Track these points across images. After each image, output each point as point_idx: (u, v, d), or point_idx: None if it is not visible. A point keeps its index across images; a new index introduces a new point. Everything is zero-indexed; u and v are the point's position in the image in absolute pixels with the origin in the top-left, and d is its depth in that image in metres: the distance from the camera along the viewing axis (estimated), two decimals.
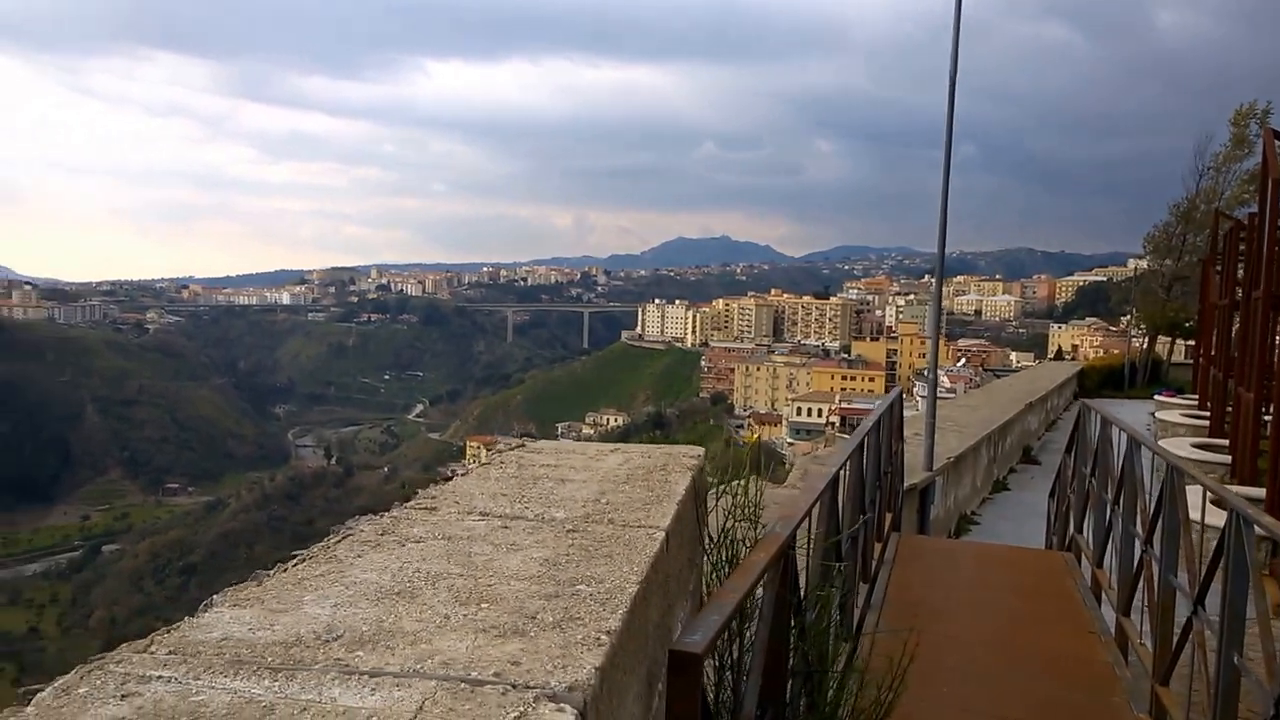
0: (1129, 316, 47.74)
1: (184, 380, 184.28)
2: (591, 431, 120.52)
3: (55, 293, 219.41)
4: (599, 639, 1.91)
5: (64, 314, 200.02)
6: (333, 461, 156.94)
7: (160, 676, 1.68)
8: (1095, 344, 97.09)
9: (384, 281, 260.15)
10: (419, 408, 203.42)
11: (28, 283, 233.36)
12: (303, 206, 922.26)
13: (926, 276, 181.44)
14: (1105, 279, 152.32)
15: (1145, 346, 40.41)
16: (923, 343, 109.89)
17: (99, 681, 1.69)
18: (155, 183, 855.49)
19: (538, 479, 3.42)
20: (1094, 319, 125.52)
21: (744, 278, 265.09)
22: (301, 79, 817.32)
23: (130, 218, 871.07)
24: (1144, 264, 43.56)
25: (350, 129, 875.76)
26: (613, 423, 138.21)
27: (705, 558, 3.64)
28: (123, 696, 1.60)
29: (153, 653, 1.81)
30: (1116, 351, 51.02)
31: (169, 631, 1.94)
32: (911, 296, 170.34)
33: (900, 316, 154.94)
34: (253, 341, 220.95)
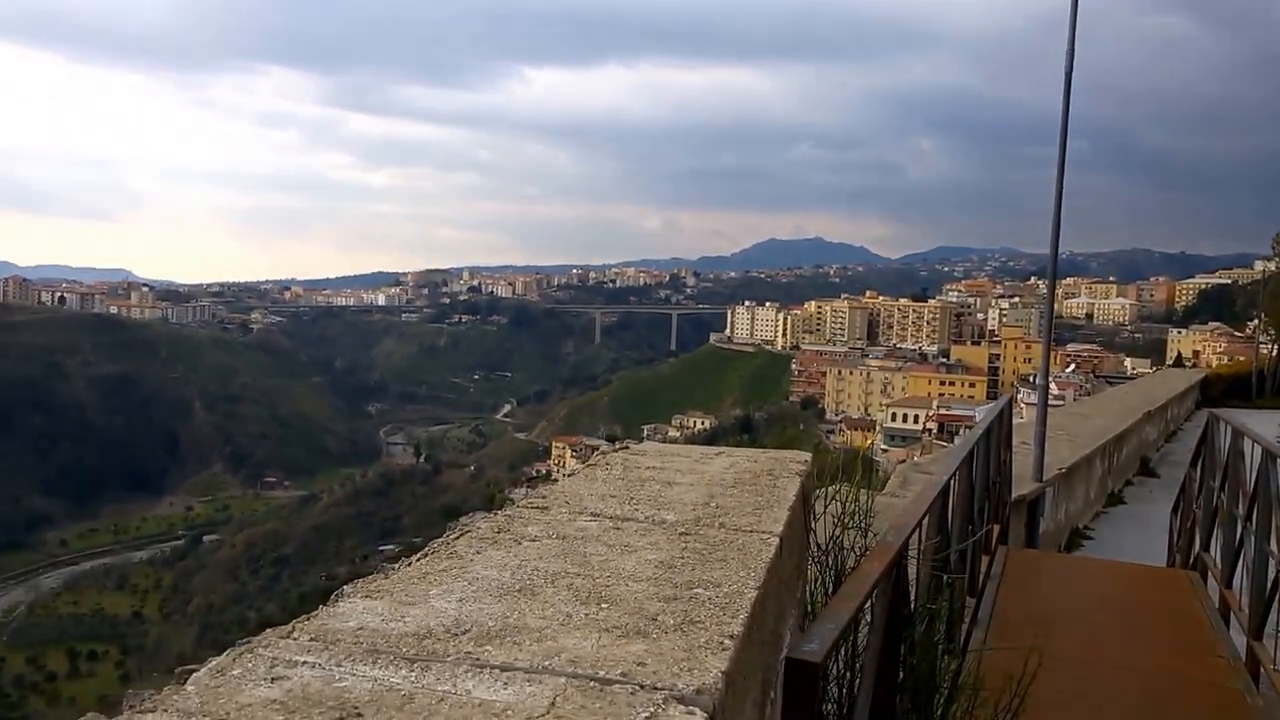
0: (1256, 321, 45.52)
1: (284, 378, 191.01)
2: (678, 434, 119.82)
3: (170, 294, 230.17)
4: (722, 643, 1.91)
5: (177, 314, 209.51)
6: (421, 459, 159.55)
7: (305, 662, 1.75)
8: (1219, 350, 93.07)
9: (475, 283, 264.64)
10: (506, 408, 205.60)
11: (146, 284, 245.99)
12: (400, 211, 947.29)
13: (1033, 278, 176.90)
14: (1230, 281, 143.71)
15: (1275, 353, 38.44)
16: (1028, 347, 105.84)
17: (250, 664, 1.76)
18: (263, 189, 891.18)
19: (644, 481, 3.44)
20: (1217, 324, 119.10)
21: (837, 279, 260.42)
22: (401, 88, 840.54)
23: (240, 222, 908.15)
24: (1273, 265, 41.41)
25: (448, 135, 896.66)
26: (700, 425, 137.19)
27: (811, 564, 3.61)
28: (272, 679, 1.68)
29: (296, 639, 1.89)
30: (1243, 358, 49.00)
31: (309, 619, 2.02)
32: (1016, 299, 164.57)
33: (1003, 320, 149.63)
34: (349, 341, 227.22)
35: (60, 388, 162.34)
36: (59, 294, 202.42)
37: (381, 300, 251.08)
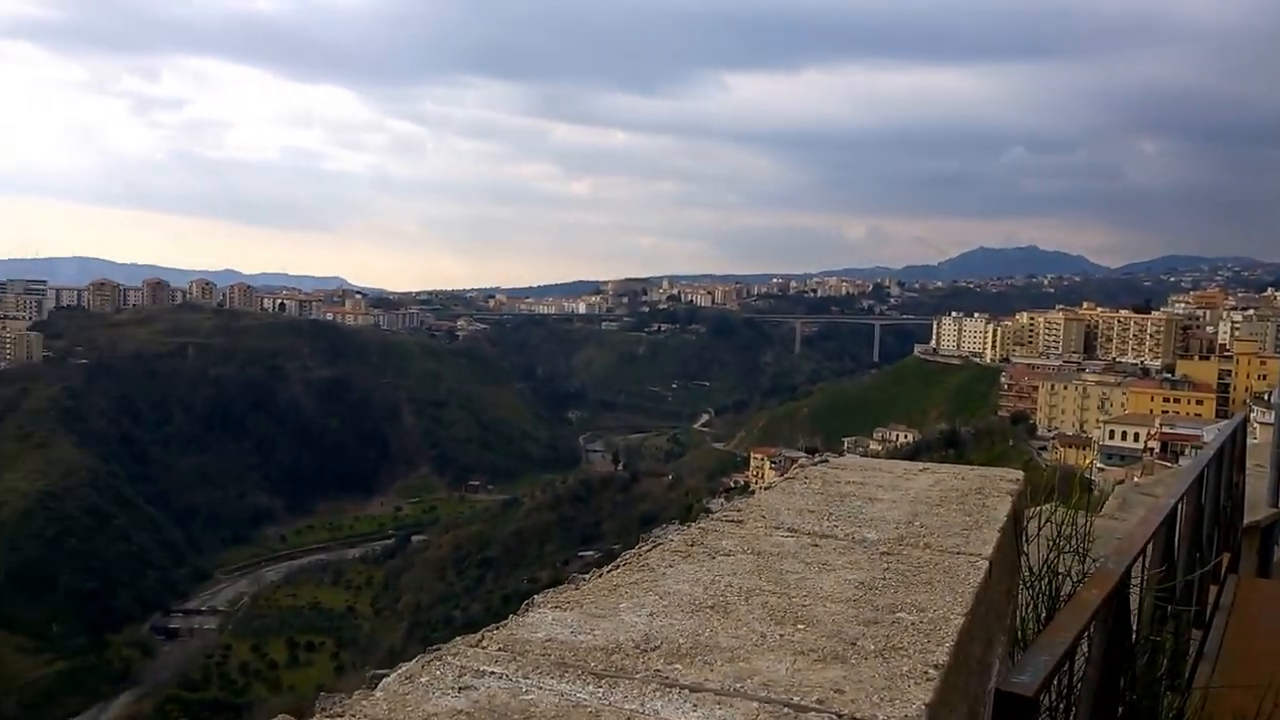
0: None
1: (488, 384, 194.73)
2: (879, 448, 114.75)
3: (381, 301, 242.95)
4: (926, 673, 1.86)
5: (387, 320, 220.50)
6: (620, 467, 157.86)
7: (493, 672, 1.77)
8: None
9: (675, 292, 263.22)
10: (704, 417, 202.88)
11: (359, 292, 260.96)
12: (600, 219, 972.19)
13: (1270, 289, 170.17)
14: None
15: None
16: (1263, 363, 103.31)
17: (438, 672, 1.79)
18: (470, 200, 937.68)
19: (844, 496, 3.39)
20: None
21: (1051, 290, 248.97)
22: (603, 97, 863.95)
23: (447, 232, 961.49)
24: None
25: (648, 143, 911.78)
26: (902, 439, 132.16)
27: (1022, 590, 3.53)
28: (460, 689, 1.70)
29: (484, 648, 1.90)
30: None
31: (498, 628, 2.03)
32: (1251, 311, 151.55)
33: (1236, 333, 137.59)
34: (550, 349, 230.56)
35: (281, 390, 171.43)
36: (280, 300, 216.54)
37: (582, 309, 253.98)
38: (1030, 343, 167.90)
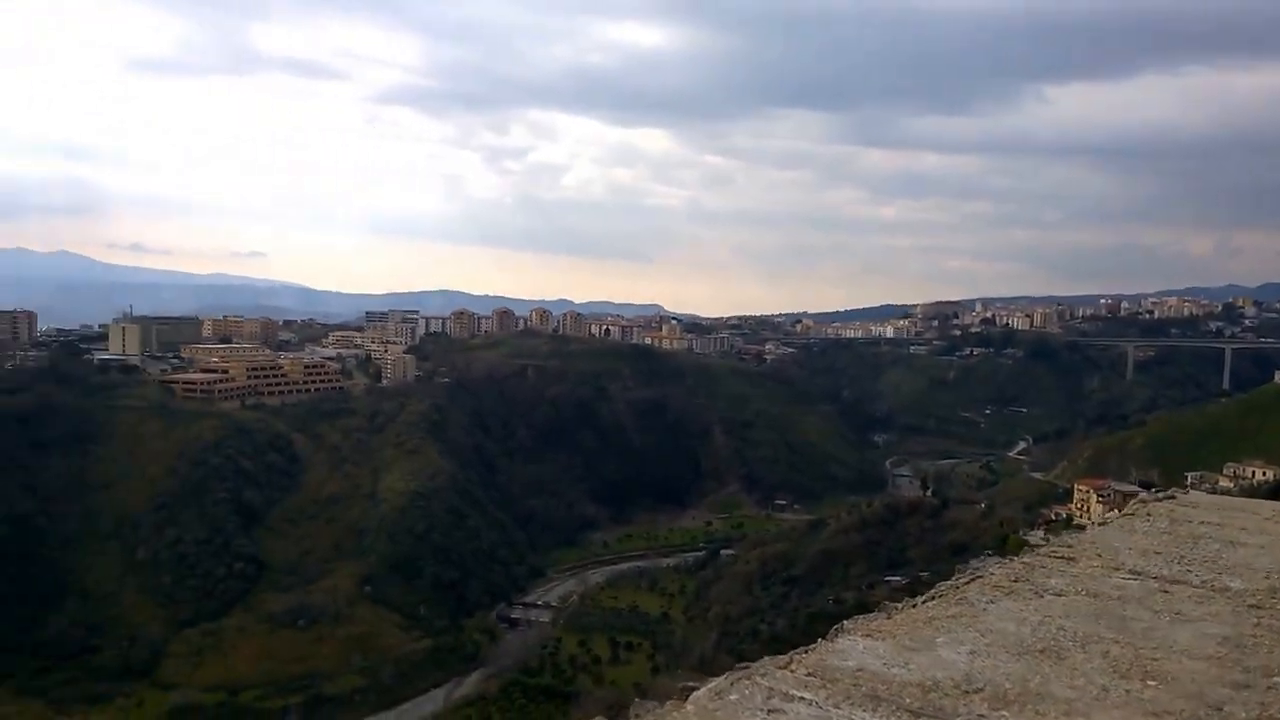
0: None
1: (794, 406, 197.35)
2: (1230, 484, 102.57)
3: (694, 326, 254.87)
4: None
5: (700, 345, 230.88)
6: (929, 493, 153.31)
7: (802, 698, 1.69)
8: None
9: (988, 315, 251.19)
10: (1021, 445, 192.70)
11: (674, 318, 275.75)
12: (909, 243, 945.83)
13: None
14: None
15: None
16: None
17: (746, 691, 1.74)
18: (778, 227, 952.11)
19: (1198, 538, 3.04)
20: None
21: None
22: (913, 120, 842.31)
23: (756, 260, 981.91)
24: None
25: (960, 164, 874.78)
26: (1259, 476, 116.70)
27: None
28: (768, 711, 1.63)
29: (793, 671, 1.82)
30: None
31: (807, 652, 1.92)
32: None
33: None
34: (857, 372, 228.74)
35: (605, 409, 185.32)
36: (605, 327, 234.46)
37: (890, 332, 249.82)
38: None
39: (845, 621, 2.04)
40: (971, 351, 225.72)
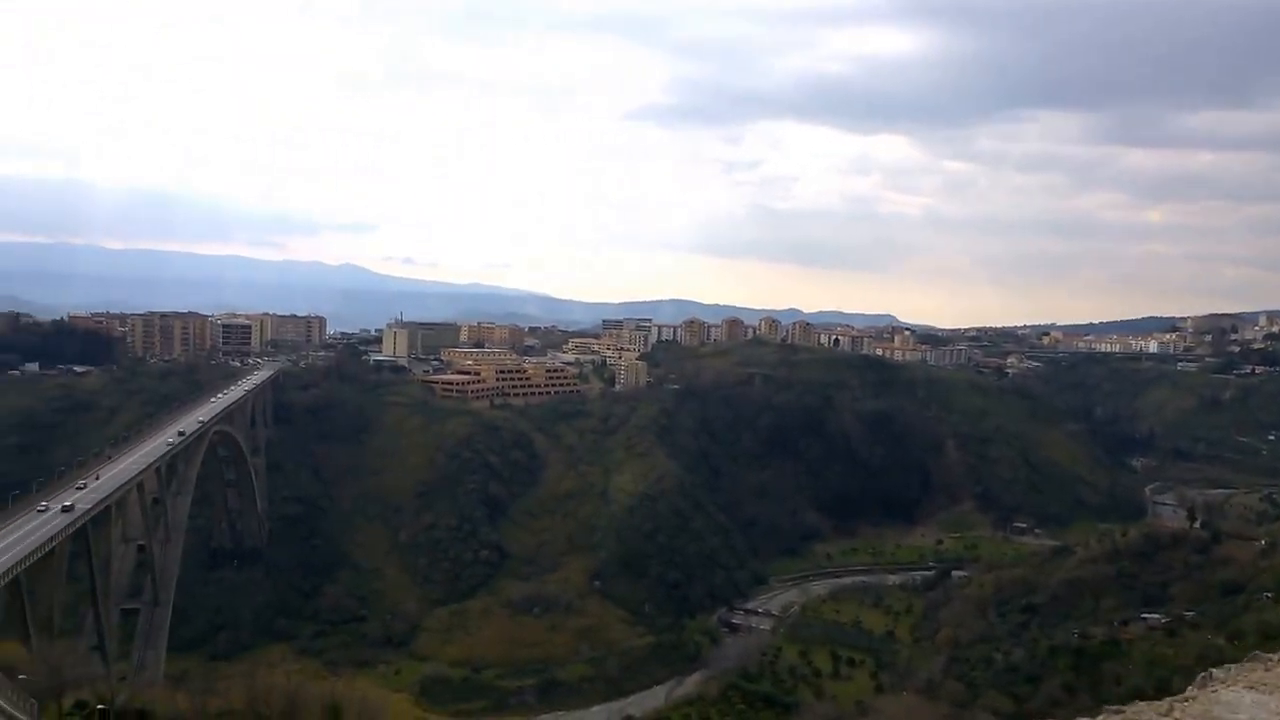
0: None
1: (1037, 423, 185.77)
2: None
3: (929, 338, 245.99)
4: None
5: (934, 356, 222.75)
6: (1196, 524, 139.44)
7: None
8: None
9: (1275, 330, 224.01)
10: None
11: (907, 328, 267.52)
12: (1178, 250, 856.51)
13: None
14: None
15: None
16: None
17: None
18: (1022, 235, 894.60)
19: None
20: None
21: None
22: (1185, 115, 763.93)
23: (999, 269, 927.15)
24: None
25: (1241, 162, 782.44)
26: None
27: None
28: None
29: (1176, 718, 1.61)
30: None
31: (1186, 701, 1.64)
32: None
33: None
34: (1111, 389, 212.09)
35: (831, 418, 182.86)
36: (834, 336, 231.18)
37: (1153, 347, 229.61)
38: None
39: (1215, 670, 1.91)
40: (1253, 370, 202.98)
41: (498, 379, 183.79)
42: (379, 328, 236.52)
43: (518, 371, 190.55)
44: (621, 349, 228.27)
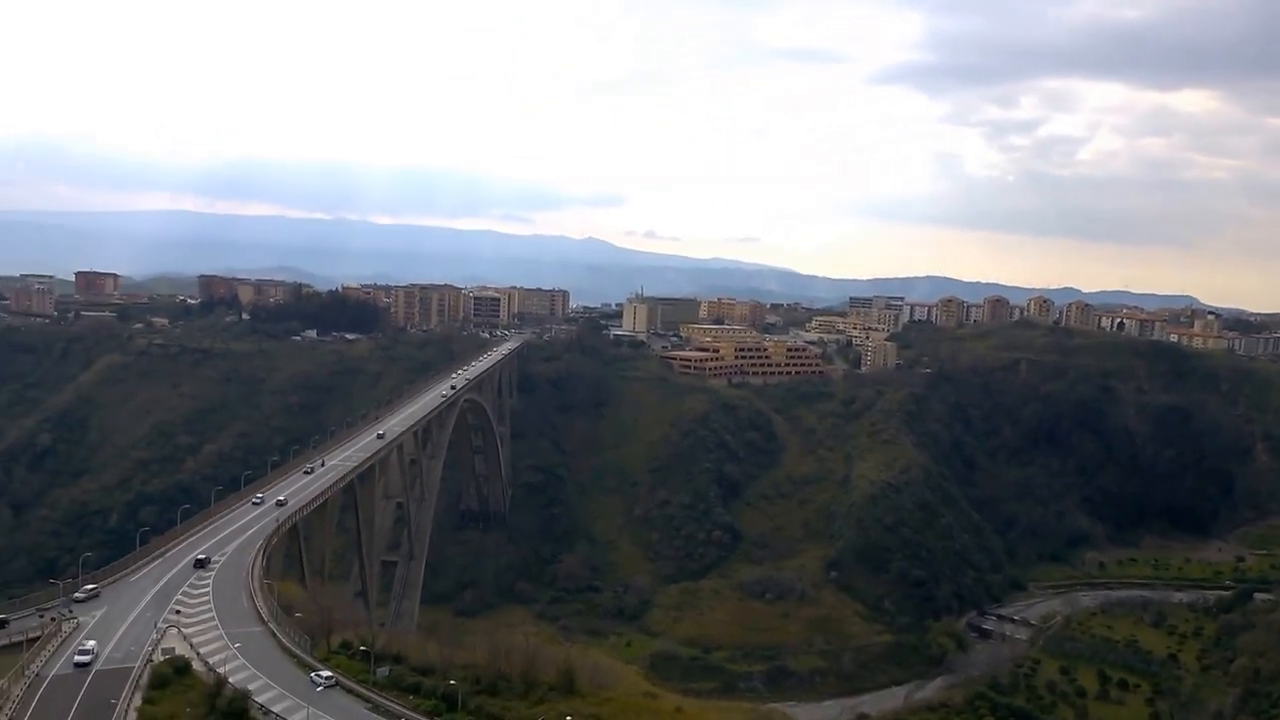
0: None
1: None
2: None
3: (1238, 323, 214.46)
4: None
5: (1244, 345, 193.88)
6: None
7: None
8: None
9: None
10: None
11: (1211, 312, 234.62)
12: None
13: None
14: None
15: None
16: None
17: None
18: None
19: None
20: None
21: None
22: None
23: None
24: None
25: None
26: None
27: None
28: None
29: None
30: None
31: None
32: None
33: None
34: None
35: (1111, 412, 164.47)
36: (1119, 319, 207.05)
37: None
38: None
39: None
40: None
41: (736, 357, 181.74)
42: (619, 302, 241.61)
43: (757, 350, 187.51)
44: (869, 328, 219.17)
